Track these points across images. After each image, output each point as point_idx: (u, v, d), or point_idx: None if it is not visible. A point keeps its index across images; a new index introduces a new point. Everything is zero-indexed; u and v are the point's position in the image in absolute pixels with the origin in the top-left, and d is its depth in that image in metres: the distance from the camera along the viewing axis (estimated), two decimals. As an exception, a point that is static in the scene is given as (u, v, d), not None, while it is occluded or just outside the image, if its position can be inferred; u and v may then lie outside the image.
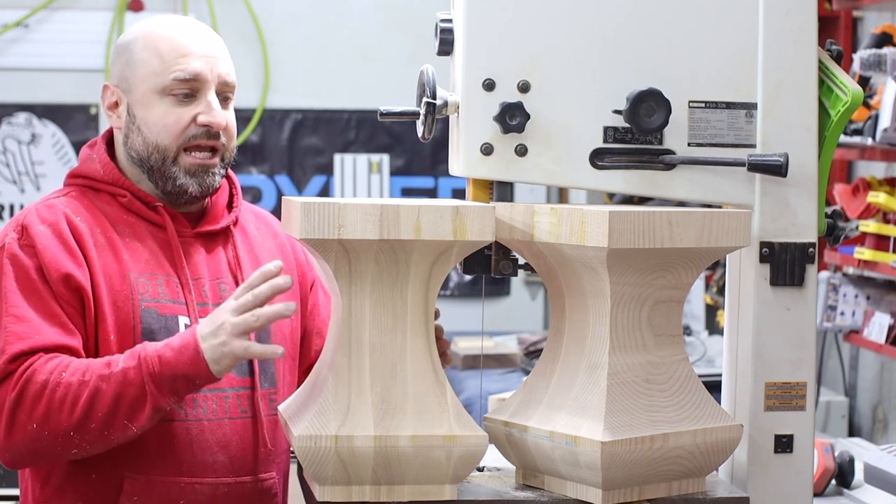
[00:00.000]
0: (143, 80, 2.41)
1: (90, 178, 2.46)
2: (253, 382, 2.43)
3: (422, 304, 2.17)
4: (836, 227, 2.40)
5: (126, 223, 2.41)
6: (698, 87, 2.31)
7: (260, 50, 6.07)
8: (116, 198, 2.44)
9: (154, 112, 2.41)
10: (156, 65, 2.40)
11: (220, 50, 2.47)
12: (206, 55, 2.42)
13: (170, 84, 2.40)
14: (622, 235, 2.08)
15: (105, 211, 2.42)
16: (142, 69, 2.41)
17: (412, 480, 2.15)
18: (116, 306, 2.34)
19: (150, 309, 2.36)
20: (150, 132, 2.41)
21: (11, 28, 5.93)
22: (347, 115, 6.19)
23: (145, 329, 2.34)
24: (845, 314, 4.14)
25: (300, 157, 6.19)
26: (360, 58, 6.14)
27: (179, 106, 2.40)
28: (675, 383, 2.23)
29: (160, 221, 2.43)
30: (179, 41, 2.42)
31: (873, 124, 3.87)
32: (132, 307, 2.35)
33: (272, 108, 6.14)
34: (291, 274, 2.57)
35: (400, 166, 6.25)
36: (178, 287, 2.39)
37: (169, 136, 2.40)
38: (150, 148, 2.41)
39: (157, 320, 2.36)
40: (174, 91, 2.40)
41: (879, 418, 4.52)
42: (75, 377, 2.22)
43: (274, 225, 2.65)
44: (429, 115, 2.27)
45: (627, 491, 2.19)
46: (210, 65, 2.42)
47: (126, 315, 2.34)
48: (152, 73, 2.40)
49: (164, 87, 2.40)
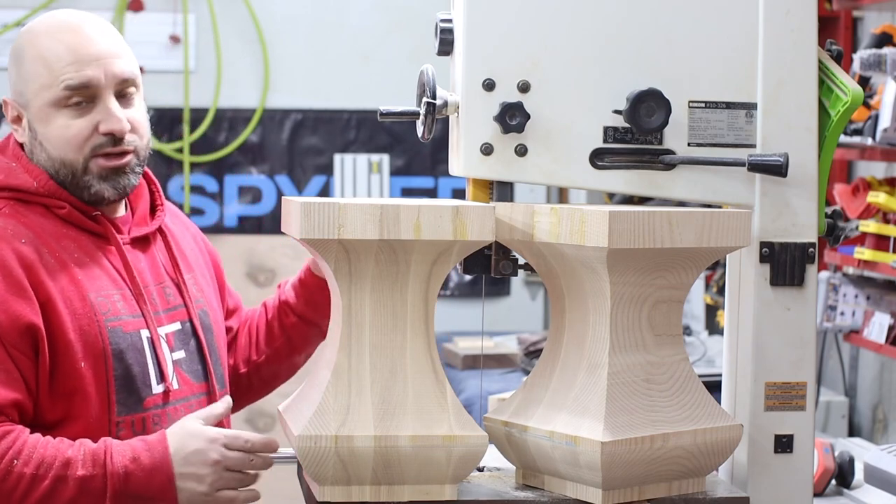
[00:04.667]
0: (36, 94, 2.30)
1: (20, 191, 2.32)
2: (209, 387, 2.41)
3: (422, 304, 2.17)
4: (836, 227, 2.40)
5: (68, 237, 2.31)
6: (698, 87, 2.31)
7: (260, 50, 6.07)
8: (52, 210, 2.32)
9: (53, 127, 2.30)
10: (45, 77, 2.29)
11: (113, 46, 2.33)
12: (96, 57, 2.30)
13: (62, 95, 2.28)
14: (622, 235, 2.08)
15: (43, 226, 2.30)
16: (33, 83, 2.30)
17: (412, 480, 2.15)
18: (83, 331, 2.25)
19: (115, 329, 2.28)
20: (53, 148, 2.31)
21: (11, 28, 5.93)
22: (347, 115, 6.19)
23: (115, 350, 2.27)
24: (845, 314, 4.14)
25: (300, 157, 6.19)
26: (360, 58, 6.14)
27: (78, 117, 2.30)
28: (675, 383, 2.23)
29: (101, 231, 2.35)
30: (66, 47, 2.29)
31: (873, 124, 3.87)
32: (98, 329, 2.26)
33: (272, 108, 6.13)
34: (209, 266, 2.58)
35: (400, 166, 6.25)
36: (132, 300, 2.32)
37: (72, 150, 2.30)
38: (57, 164, 2.31)
39: (124, 339, 2.29)
40: (68, 102, 2.29)
41: (879, 418, 4.52)
42: (28, 468, 2.13)
43: (181, 216, 2.60)
44: (429, 115, 2.27)
45: (627, 491, 2.19)
46: (102, 67, 2.30)
47: (94, 339, 2.26)
48: (43, 86, 2.29)
49: (56, 100, 2.29)
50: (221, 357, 2.49)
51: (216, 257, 2.65)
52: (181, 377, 2.37)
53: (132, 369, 2.30)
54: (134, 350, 2.30)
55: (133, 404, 2.30)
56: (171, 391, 2.34)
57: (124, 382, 2.29)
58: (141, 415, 2.30)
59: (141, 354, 2.31)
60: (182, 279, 2.42)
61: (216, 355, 2.46)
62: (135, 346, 2.30)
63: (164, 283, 2.40)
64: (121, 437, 2.27)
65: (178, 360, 2.38)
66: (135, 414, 2.30)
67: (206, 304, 2.49)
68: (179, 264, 2.44)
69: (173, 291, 2.41)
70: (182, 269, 2.44)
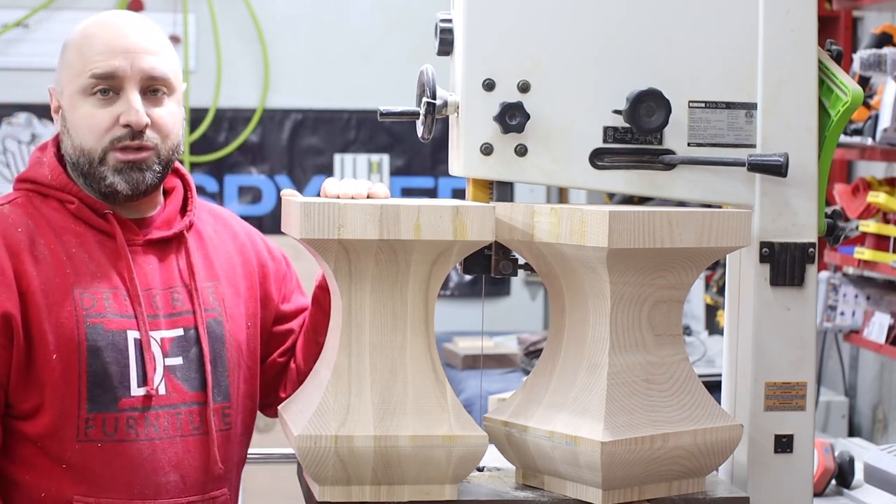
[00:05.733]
0: (68, 82, 2.35)
1: (38, 184, 2.37)
2: (205, 397, 2.36)
3: (422, 304, 2.17)
4: (836, 227, 2.40)
5: (73, 232, 2.32)
6: (698, 87, 2.31)
7: (260, 50, 6.07)
8: (65, 204, 2.35)
9: (79, 114, 2.34)
10: (77, 65, 2.34)
11: (149, 43, 2.37)
12: (126, 50, 2.33)
13: (88, 83, 2.32)
14: (622, 235, 2.08)
15: (51, 219, 2.33)
16: (67, 71, 2.35)
17: (412, 480, 2.15)
18: (59, 324, 2.25)
19: (95, 325, 2.27)
20: (77, 135, 2.34)
21: (11, 28, 5.93)
22: (347, 115, 6.19)
23: (91, 346, 2.26)
24: (845, 314, 4.14)
25: (300, 157, 6.20)
26: (360, 58, 6.14)
27: (102, 106, 2.32)
28: (675, 383, 2.23)
29: (109, 230, 2.34)
30: (101, 39, 2.34)
31: (873, 124, 3.87)
32: (76, 324, 2.26)
33: (272, 108, 6.14)
34: (250, 276, 2.51)
35: (400, 166, 6.25)
36: (125, 300, 2.31)
37: (93, 138, 2.32)
38: (78, 151, 2.34)
39: (104, 336, 2.28)
40: (94, 90, 2.32)
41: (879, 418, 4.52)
42: None
43: (233, 224, 2.57)
44: (429, 115, 2.27)
45: (627, 491, 2.19)
46: (130, 60, 2.32)
47: (69, 332, 2.25)
48: (75, 74, 2.34)
49: (84, 87, 2.33)
50: (232, 369, 2.42)
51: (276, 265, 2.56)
52: (172, 384, 2.33)
53: (109, 368, 2.27)
54: (114, 349, 2.28)
55: (107, 403, 2.28)
56: (155, 396, 2.31)
57: (98, 380, 2.27)
58: (114, 415, 2.28)
59: (122, 355, 2.29)
60: (195, 286, 2.39)
61: (223, 366, 2.40)
62: (116, 346, 2.28)
63: (173, 288, 2.37)
64: (89, 435, 2.27)
65: (173, 367, 2.34)
66: (107, 413, 2.28)
67: (224, 313, 2.43)
68: (196, 272, 2.40)
69: (183, 297, 2.37)
70: (199, 277, 2.40)
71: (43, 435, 2.27)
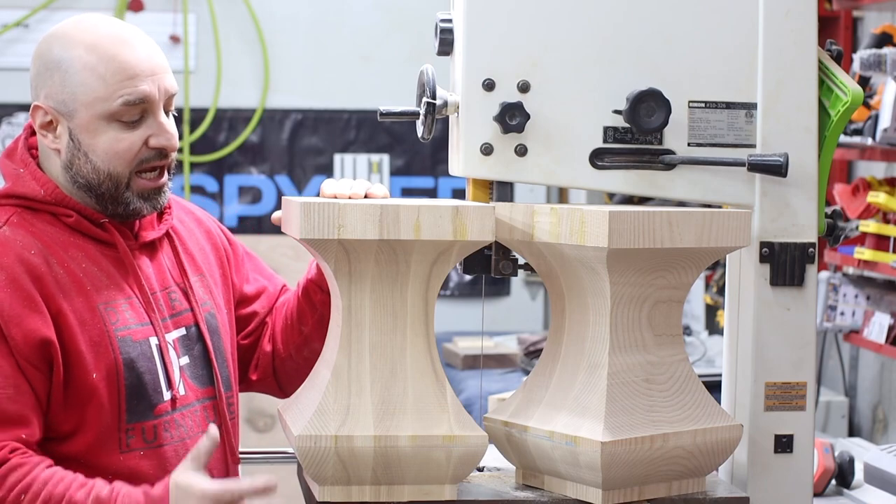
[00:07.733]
0: (86, 105, 2.26)
1: (28, 199, 2.30)
2: (214, 391, 2.39)
3: (422, 304, 2.17)
4: (836, 227, 2.40)
5: (76, 246, 2.29)
6: (698, 87, 2.31)
7: (260, 50, 6.07)
8: (60, 218, 2.30)
9: (103, 139, 2.28)
10: (100, 90, 2.26)
11: (162, 60, 2.32)
12: (151, 73, 2.28)
13: (118, 110, 2.26)
14: (622, 235, 2.08)
15: (50, 235, 2.28)
16: (84, 94, 2.26)
17: (412, 480, 2.15)
18: (94, 342, 2.24)
19: (125, 338, 2.27)
20: (101, 160, 2.28)
21: (11, 28, 5.93)
22: (347, 115, 6.19)
23: (126, 360, 2.26)
24: (845, 314, 4.14)
25: (300, 157, 6.19)
26: (360, 58, 6.14)
27: (129, 130, 2.28)
28: (675, 383, 2.23)
29: (109, 239, 2.33)
30: (122, 61, 2.26)
31: (873, 124, 3.87)
32: (109, 340, 2.26)
33: (272, 108, 6.14)
34: (221, 262, 2.53)
35: (400, 166, 6.25)
36: (140, 308, 2.31)
37: (122, 164, 2.29)
38: (102, 176, 2.29)
39: (134, 348, 2.28)
40: (123, 117, 2.27)
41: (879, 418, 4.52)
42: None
43: (194, 210, 2.57)
44: (429, 115, 2.27)
45: (627, 491, 2.19)
46: (157, 83, 2.28)
47: (105, 350, 2.25)
48: (97, 98, 2.25)
49: (111, 114, 2.26)
50: (228, 359, 2.46)
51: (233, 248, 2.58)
52: (186, 383, 2.36)
53: (143, 377, 2.29)
54: (144, 358, 2.29)
55: (143, 411, 2.29)
56: (178, 398, 2.33)
57: (135, 391, 2.28)
58: (152, 422, 2.30)
59: (151, 362, 2.30)
60: (188, 283, 2.40)
61: (222, 357, 2.44)
62: (144, 355, 2.29)
63: (169, 289, 2.38)
64: (130, 445, 2.28)
65: (183, 366, 2.36)
66: (145, 421, 2.29)
67: (214, 305, 2.46)
68: (186, 268, 2.41)
69: (179, 296, 2.39)
70: (189, 273, 2.41)
71: (84, 451, 2.27)
